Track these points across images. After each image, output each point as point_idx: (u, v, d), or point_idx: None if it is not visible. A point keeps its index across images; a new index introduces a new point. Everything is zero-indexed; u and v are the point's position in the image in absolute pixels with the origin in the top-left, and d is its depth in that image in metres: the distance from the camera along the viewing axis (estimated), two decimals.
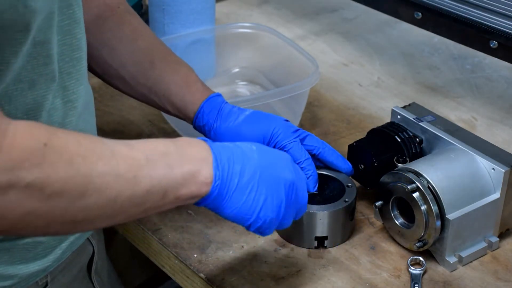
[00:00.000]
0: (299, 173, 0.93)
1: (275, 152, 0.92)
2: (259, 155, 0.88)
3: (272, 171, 0.88)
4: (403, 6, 1.36)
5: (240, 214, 0.87)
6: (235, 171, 0.85)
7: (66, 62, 0.87)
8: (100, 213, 0.76)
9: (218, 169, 0.84)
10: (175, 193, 0.81)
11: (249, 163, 0.87)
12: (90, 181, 0.73)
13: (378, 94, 1.45)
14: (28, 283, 0.92)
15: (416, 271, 1.03)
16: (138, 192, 0.77)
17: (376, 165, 1.09)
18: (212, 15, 1.40)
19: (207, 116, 1.07)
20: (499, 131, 1.34)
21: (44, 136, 0.71)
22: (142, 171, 0.77)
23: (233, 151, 0.86)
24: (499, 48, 1.22)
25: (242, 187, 0.86)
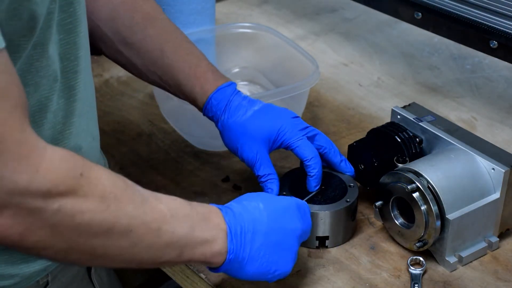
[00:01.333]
0: (305, 216, 0.96)
1: (281, 204, 0.94)
2: (268, 215, 0.91)
3: (283, 228, 0.92)
4: (403, 6, 1.36)
5: (255, 277, 0.92)
6: (247, 240, 0.89)
7: (71, 61, 0.87)
8: (118, 254, 0.79)
9: (232, 243, 0.88)
10: (191, 255, 0.85)
11: (259, 228, 0.90)
12: (117, 220, 0.76)
13: (378, 94, 1.45)
14: (29, 283, 0.92)
15: (416, 271, 1.03)
16: (157, 244, 0.81)
17: (376, 165, 1.09)
18: (212, 15, 1.40)
19: (215, 108, 1.07)
20: (499, 131, 1.33)
21: (80, 166, 0.74)
22: (166, 225, 0.81)
23: (244, 218, 0.89)
24: (499, 48, 1.22)
25: (254, 255, 0.89)
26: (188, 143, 1.30)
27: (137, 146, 1.30)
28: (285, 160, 1.25)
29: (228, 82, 1.08)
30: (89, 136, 0.94)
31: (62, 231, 0.73)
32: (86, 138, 0.93)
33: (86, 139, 0.93)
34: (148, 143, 1.31)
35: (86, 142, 0.93)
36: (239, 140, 1.06)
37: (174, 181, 1.21)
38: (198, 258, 0.85)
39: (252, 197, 0.93)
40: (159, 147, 1.30)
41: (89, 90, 0.94)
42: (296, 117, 1.07)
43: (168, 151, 1.29)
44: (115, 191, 0.76)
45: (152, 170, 1.24)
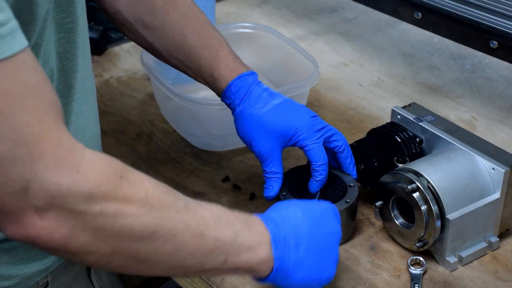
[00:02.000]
0: (339, 218, 0.95)
1: (318, 209, 0.93)
2: (308, 220, 0.89)
3: (323, 233, 0.90)
4: (403, 6, 1.36)
5: (304, 285, 0.89)
6: (291, 247, 0.87)
7: (70, 60, 0.87)
8: (163, 259, 0.77)
9: (278, 250, 0.86)
10: (236, 262, 0.83)
11: (301, 234, 0.88)
12: (160, 223, 0.75)
13: (378, 94, 1.45)
14: (29, 283, 0.92)
15: (416, 271, 1.03)
16: (202, 250, 0.79)
17: (376, 165, 1.09)
18: (212, 15, 1.40)
19: (234, 95, 1.05)
20: (499, 131, 1.33)
21: (120, 169, 0.73)
22: (209, 231, 0.79)
23: (285, 225, 0.87)
24: (499, 48, 1.22)
25: (299, 262, 0.87)
26: (188, 143, 1.30)
27: (137, 146, 1.30)
28: (285, 161, 1.25)
29: (249, 71, 1.07)
30: (89, 135, 0.94)
31: (105, 234, 0.72)
32: (85, 138, 0.93)
33: (84, 138, 0.93)
34: (148, 143, 1.31)
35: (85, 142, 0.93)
36: (254, 132, 1.04)
37: (174, 181, 1.21)
38: (243, 265, 0.84)
39: (288, 205, 0.92)
40: (159, 147, 1.30)
41: (89, 89, 0.94)
42: (315, 116, 1.06)
43: (168, 151, 1.29)
44: (157, 195, 0.75)
45: (152, 170, 1.24)
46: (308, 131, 1.04)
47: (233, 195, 1.18)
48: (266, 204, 1.15)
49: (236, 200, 1.17)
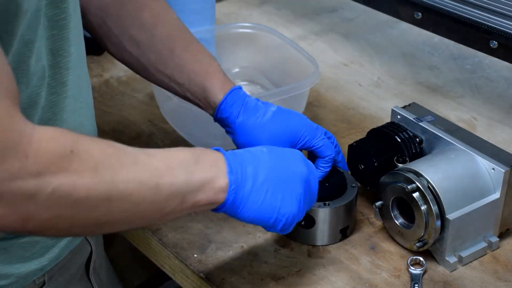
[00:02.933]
0: (311, 166, 0.94)
1: (285, 150, 0.93)
2: (270, 156, 0.90)
3: (287, 168, 0.90)
4: (403, 6, 1.36)
5: (260, 216, 0.89)
6: (248, 174, 0.87)
7: (64, 57, 0.86)
8: (122, 217, 0.79)
9: (232, 174, 0.85)
10: (194, 199, 0.83)
11: (262, 164, 0.88)
12: (114, 187, 0.76)
13: (378, 94, 1.45)
14: (26, 282, 0.91)
15: (416, 271, 1.03)
16: (159, 198, 0.80)
17: (376, 165, 1.09)
18: (212, 15, 1.40)
19: (231, 108, 1.05)
20: (499, 131, 1.34)
21: (69, 143, 0.73)
22: (163, 179, 0.80)
23: (244, 155, 0.88)
24: (499, 48, 1.22)
25: (257, 188, 0.87)
26: (188, 143, 1.30)
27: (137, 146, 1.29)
28: None
29: (238, 85, 1.08)
30: (83, 133, 0.93)
31: (61, 211, 0.73)
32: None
33: None
34: (148, 143, 1.31)
35: None
36: (260, 141, 1.04)
37: None
38: (202, 200, 0.84)
39: (257, 146, 0.93)
40: (159, 147, 1.30)
41: (84, 87, 0.94)
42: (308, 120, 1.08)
43: None
44: (106, 160, 0.76)
45: None
46: (311, 131, 1.05)
47: None
48: None
49: None
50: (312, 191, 0.94)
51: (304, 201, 0.91)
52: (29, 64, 0.80)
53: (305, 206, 0.92)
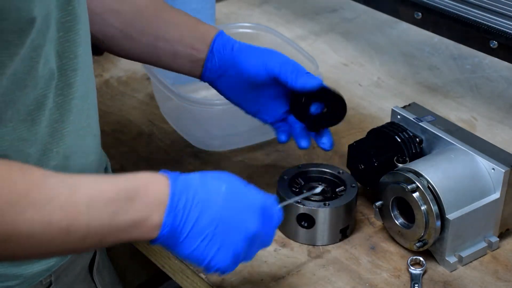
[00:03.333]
0: (268, 221, 0.87)
1: (246, 197, 0.85)
2: (225, 201, 0.82)
3: (234, 222, 0.83)
4: (403, 6, 1.36)
5: (191, 259, 0.83)
6: (190, 218, 0.80)
7: (70, 59, 0.86)
8: (27, 255, 0.77)
9: (170, 217, 0.79)
10: (115, 238, 0.79)
11: (209, 210, 0.81)
12: (14, 228, 0.72)
13: (378, 94, 1.45)
14: (33, 283, 0.92)
15: (416, 271, 1.03)
16: (71, 239, 0.76)
17: (376, 165, 1.09)
18: (212, 15, 1.40)
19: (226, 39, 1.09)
20: (499, 131, 1.33)
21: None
22: (79, 220, 0.75)
23: (195, 194, 0.81)
24: (499, 48, 1.22)
25: (194, 235, 0.81)
26: (188, 143, 1.30)
27: (137, 146, 1.30)
28: (285, 161, 1.26)
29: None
30: (90, 134, 0.94)
31: None
32: (87, 136, 0.93)
33: (86, 137, 0.93)
34: (148, 143, 1.31)
35: (87, 140, 0.93)
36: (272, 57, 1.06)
37: None
38: (127, 239, 0.79)
39: (220, 177, 0.84)
40: (159, 147, 1.30)
41: (90, 88, 0.94)
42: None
43: (168, 151, 1.29)
44: (12, 198, 0.72)
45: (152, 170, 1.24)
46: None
47: None
48: None
49: None
50: (264, 244, 0.88)
51: (243, 257, 0.85)
52: (37, 68, 0.81)
53: (242, 260, 0.86)
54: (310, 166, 1.13)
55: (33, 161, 0.85)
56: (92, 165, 0.95)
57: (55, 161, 0.87)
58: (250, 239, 0.84)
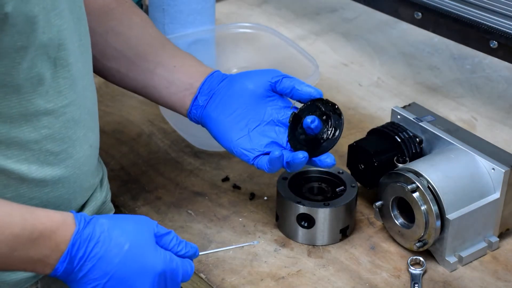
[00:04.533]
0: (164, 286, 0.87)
1: (144, 260, 0.84)
2: (123, 259, 0.83)
3: (126, 282, 0.83)
4: (403, 6, 1.36)
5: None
6: (83, 268, 0.82)
7: (63, 67, 0.85)
8: None
9: (63, 265, 0.81)
10: (15, 268, 0.81)
11: (103, 265, 0.82)
12: None
13: (378, 94, 1.45)
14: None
15: (416, 271, 1.03)
16: None
17: (376, 165, 1.09)
18: (212, 15, 1.40)
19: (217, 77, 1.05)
20: (499, 131, 1.34)
21: None
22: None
23: (94, 248, 0.82)
24: (499, 48, 1.22)
25: (85, 282, 0.83)
26: (188, 143, 1.30)
27: (137, 146, 1.30)
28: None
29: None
30: (86, 144, 0.92)
31: None
32: (82, 147, 0.91)
33: (82, 148, 0.91)
34: (148, 143, 1.31)
35: (82, 151, 0.91)
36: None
37: (174, 181, 1.21)
38: (21, 270, 0.83)
39: (129, 232, 0.85)
40: (159, 147, 1.30)
41: (88, 98, 0.92)
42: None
43: (168, 151, 1.29)
44: None
45: (152, 170, 1.24)
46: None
47: (233, 195, 1.18)
48: (266, 204, 1.16)
49: (236, 200, 1.17)
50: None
51: None
52: (18, 69, 0.80)
53: None
54: (310, 166, 1.13)
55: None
56: (86, 175, 0.94)
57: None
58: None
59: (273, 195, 1.15)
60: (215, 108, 1.03)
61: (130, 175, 1.23)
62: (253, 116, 1.01)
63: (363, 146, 1.11)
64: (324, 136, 0.99)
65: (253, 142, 1.00)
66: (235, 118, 1.01)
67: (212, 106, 1.03)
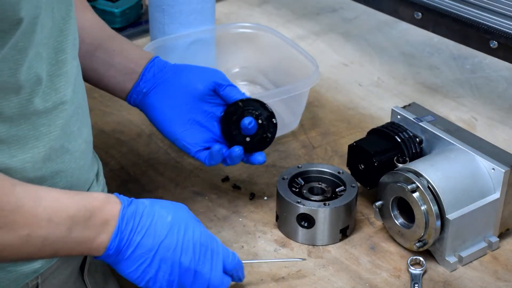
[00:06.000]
0: (206, 261, 0.91)
1: (188, 231, 0.90)
2: (168, 230, 0.88)
3: (172, 253, 0.88)
4: (403, 6, 1.36)
5: (130, 278, 0.89)
6: (133, 242, 0.87)
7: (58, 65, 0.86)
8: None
9: (115, 241, 0.86)
10: (67, 253, 0.85)
11: (151, 237, 0.87)
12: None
13: (378, 94, 1.45)
14: (18, 285, 0.91)
15: (416, 271, 1.03)
16: (28, 248, 0.81)
17: (376, 165, 1.09)
18: (212, 15, 1.40)
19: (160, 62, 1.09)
20: (499, 131, 1.34)
21: None
22: (37, 232, 0.80)
23: (141, 220, 0.87)
24: (499, 48, 1.22)
25: (134, 257, 0.87)
26: None
27: (137, 146, 1.30)
28: (285, 161, 1.26)
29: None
30: (80, 139, 0.93)
31: None
32: (77, 141, 0.92)
33: (77, 142, 0.92)
34: (148, 143, 1.31)
35: (76, 146, 0.92)
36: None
37: (174, 181, 1.21)
38: (77, 254, 0.86)
39: (169, 207, 0.91)
40: (159, 147, 1.30)
41: (80, 94, 0.93)
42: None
43: (168, 151, 1.29)
44: None
45: (152, 170, 1.24)
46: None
47: (233, 195, 1.18)
48: (266, 204, 1.16)
49: (236, 200, 1.17)
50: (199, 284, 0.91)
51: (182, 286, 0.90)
52: (20, 70, 0.80)
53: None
54: (310, 166, 1.13)
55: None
56: (82, 169, 0.94)
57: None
58: (185, 273, 0.89)
59: (273, 195, 1.15)
60: (160, 99, 1.08)
61: (130, 175, 1.23)
62: (195, 111, 1.07)
63: (363, 146, 1.11)
64: (258, 137, 1.07)
65: (195, 136, 1.06)
66: (179, 112, 1.07)
67: (157, 96, 1.08)
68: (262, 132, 1.07)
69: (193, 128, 1.07)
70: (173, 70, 1.09)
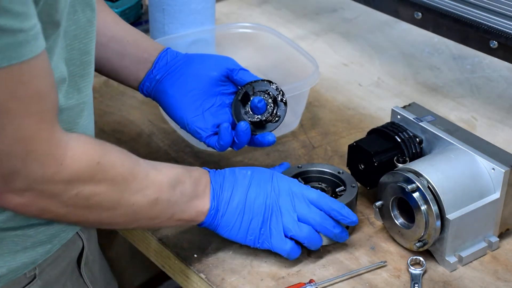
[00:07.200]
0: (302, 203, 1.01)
1: (268, 178, 1.01)
2: (250, 181, 1.00)
3: (258, 197, 1.00)
4: (403, 6, 1.36)
5: (233, 236, 1.00)
6: (224, 198, 0.98)
7: (78, 66, 0.89)
8: (121, 221, 0.93)
9: (214, 200, 0.98)
10: (179, 217, 0.96)
11: (238, 190, 0.99)
12: (124, 197, 0.88)
13: (378, 94, 1.45)
14: (16, 275, 0.92)
15: (416, 271, 1.03)
16: (154, 211, 0.93)
17: (376, 165, 1.09)
18: (212, 15, 1.40)
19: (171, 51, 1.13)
20: (499, 131, 1.34)
21: (98, 155, 0.85)
22: (163, 195, 0.92)
23: (226, 179, 1.00)
24: (499, 48, 1.22)
25: (230, 212, 0.99)
26: (188, 143, 1.30)
27: (137, 146, 1.30)
28: (284, 160, 1.26)
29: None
30: (88, 131, 0.97)
31: (76, 210, 0.85)
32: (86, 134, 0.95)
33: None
34: (148, 143, 1.31)
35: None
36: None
37: None
38: (186, 219, 0.97)
39: (247, 167, 1.02)
40: (159, 147, 1.30)
41: (90, 93, 0.96)
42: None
43: (168, 151, 1.29)
44: (123, 172, 0.88)
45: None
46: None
47: None
48: None
49: None
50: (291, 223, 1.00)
51: (269, 229, 1.00)
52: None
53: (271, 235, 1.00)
54: (310, 166, 1.13)
55: None
56: None
57: None
58: (271, 214, 0.99)
59: None
60: (172, 85, 1.10)
61: None
62: (207, 98, 1.09)
63: (363, 146, 1.11)
64: (268, 116, 1.09)
65: (206, 122, 1.09)
66: (192, 98, 1.09)
67: (170, 82, 1.10)
68: (272, 111, 1.08)
69: (205, 114, 1.09)
70: (186, 58, 1.12)
